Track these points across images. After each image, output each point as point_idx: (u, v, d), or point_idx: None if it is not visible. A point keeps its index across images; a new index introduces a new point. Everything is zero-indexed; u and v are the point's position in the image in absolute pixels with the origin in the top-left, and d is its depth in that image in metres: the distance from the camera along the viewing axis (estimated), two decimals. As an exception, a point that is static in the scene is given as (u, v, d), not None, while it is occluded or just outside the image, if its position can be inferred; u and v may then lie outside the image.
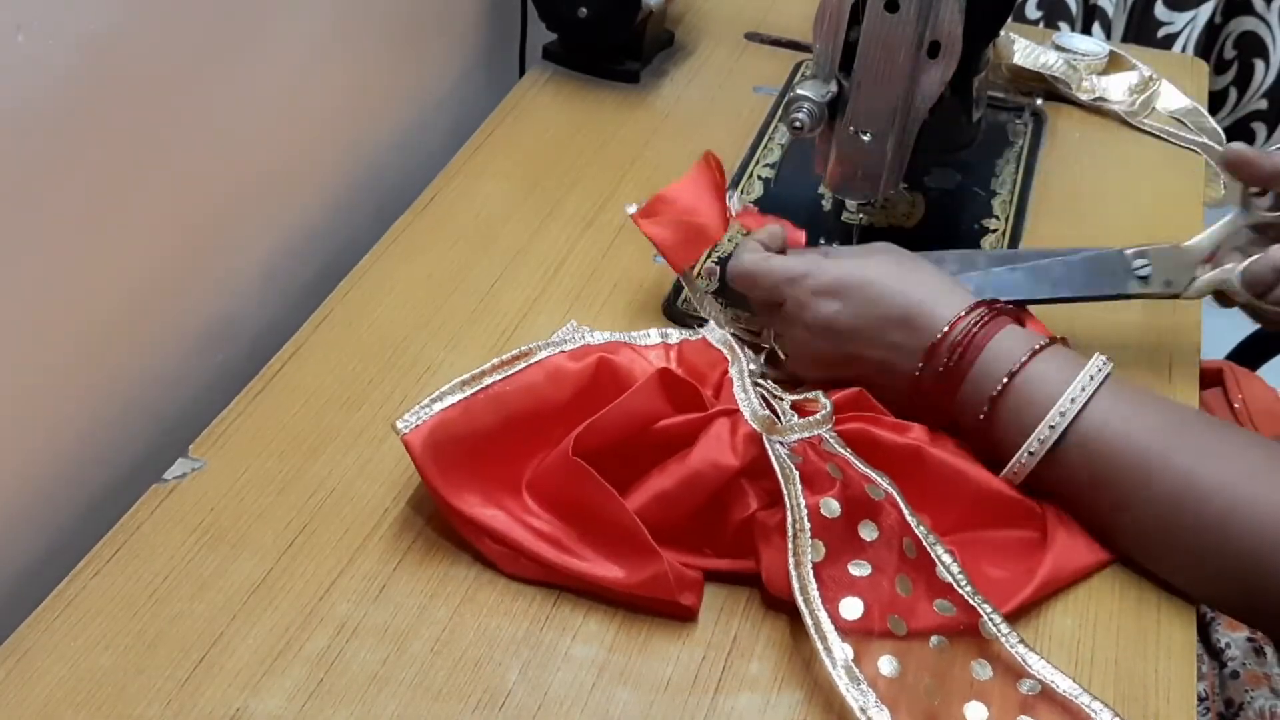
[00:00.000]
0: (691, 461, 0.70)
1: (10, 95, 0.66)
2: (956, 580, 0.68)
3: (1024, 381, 0.72)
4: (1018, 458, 0.71)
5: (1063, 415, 0.70)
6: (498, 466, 0.72)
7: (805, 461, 0.70)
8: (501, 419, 0.73)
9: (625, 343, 0.79)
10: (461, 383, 0.73)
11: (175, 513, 0.73)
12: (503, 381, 0.74)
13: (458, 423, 0.71)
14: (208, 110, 0.84)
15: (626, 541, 0.69)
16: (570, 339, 0.77)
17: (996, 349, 0.73)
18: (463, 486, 0.71)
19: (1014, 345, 0.73)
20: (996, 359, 0.72)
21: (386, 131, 1.09)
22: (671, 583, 0.68)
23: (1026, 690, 0.65)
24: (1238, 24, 2.04)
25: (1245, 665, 0.83)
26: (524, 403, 0.73)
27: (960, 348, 0.73)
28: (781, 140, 1.08)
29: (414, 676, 0.65)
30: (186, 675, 0.64)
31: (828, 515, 0.68)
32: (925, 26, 0.78)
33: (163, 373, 0.86)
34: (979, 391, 0.73)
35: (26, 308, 0.72)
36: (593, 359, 0.75)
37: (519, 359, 0.75)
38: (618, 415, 0.71)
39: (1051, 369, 0.72)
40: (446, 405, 0.72)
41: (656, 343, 0.81)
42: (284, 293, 0.98)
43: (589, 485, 0.69)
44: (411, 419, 0.71)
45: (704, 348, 0.79)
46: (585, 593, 0.70)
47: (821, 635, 0.65)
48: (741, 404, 0.72)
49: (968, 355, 0.73)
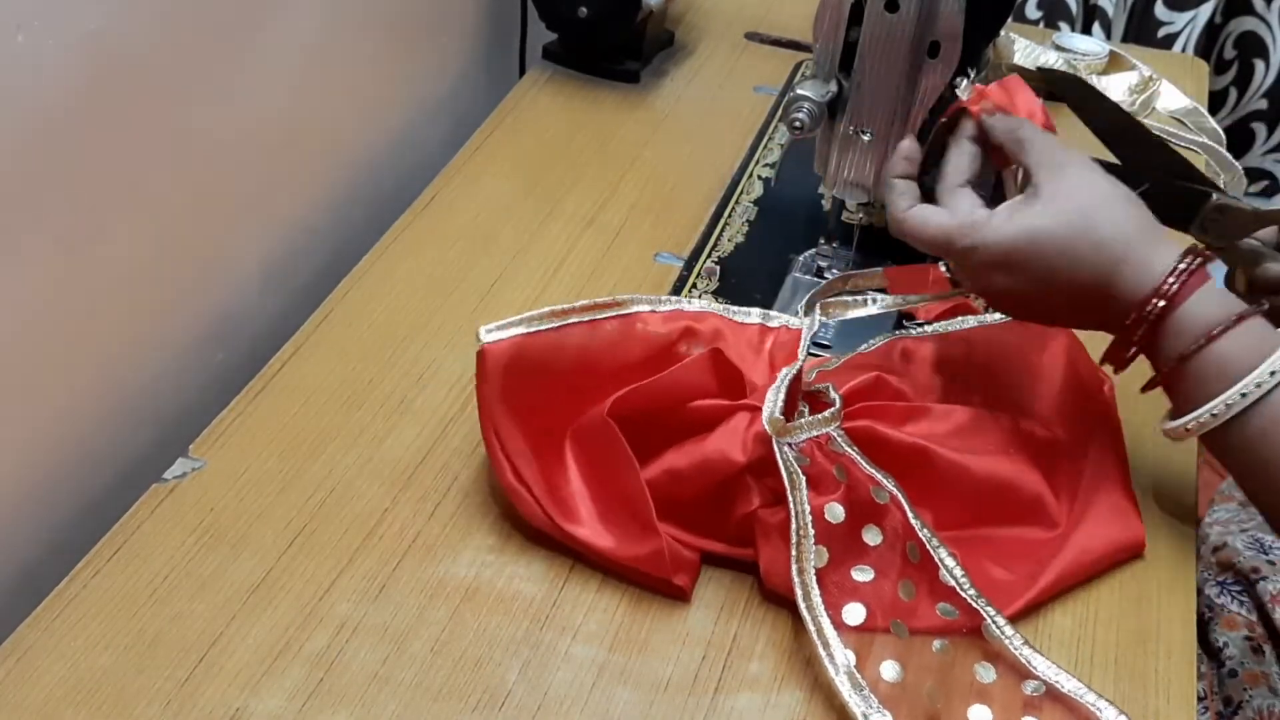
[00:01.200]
0: (704, 447, 0.71)
1: (10, 95, 0.66)
2: (960, 584, 0.68)
3: (1220, 348, 0.67)
4: (1198, 414, 0.68)
5: (1258, 386, 0.66)
6: (553, 406, 0.73)
7: (812, 463, 0.70)
8: (573, 364, 0.74)
9: (721, 315, 0.80)
10: (553, 312, 0.73)
11: (175, 513, 0.73)
12: (588, 324, 0.74)
13: (537, 352, 0.72)
14: (208, 110, 0.84)
15: (632, 514, 0.70)
16: (666, 300, 0.78)
17: (1194, 310, 0.68)
18: (511, 414, 0.71)
19: (1211, 309, 0.68)
20: (1193, 319, 0.68)
21: (386, 131, 1.09)
22: (667, 561, 0.69)
23: (1030, 691, 0.65)
24: (1238, 24, 2.04)
25: (1243, 664, 0.83)
26: (599, 353, 0.74)
27: (1158, 309, 0.68)
28: (781, 140, 1.08)
29: (414, 676, 0.65)
30: (186, 675, 0.64)
31: (832, 520, 0.68)
32: (925, 26, 0.78)
33: (163, 373, 0.86)
34: (1170, 347, 0.69)
35: (26, 307, 0.72)
36: (680, 325, 0.77)
37: (610, 305, 0.75)
38: (661, 386, 0.72)
39: (1253, 339, 0.68)
40: (536, 330, 0.72)
41: (755, 322, 0.82)
42: (284, 292, 0.98)
43: (615, 449, 0.70)
44: (498, 332, 0.71)
45: (796, 341, 0.80)
46: (585, 562, 0.71)
47: (824, 640, 0.65)
48: (766, 402, 0.72)
49: (1166, 311, 0.68)
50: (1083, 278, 0.69)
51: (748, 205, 1.00)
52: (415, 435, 0.78)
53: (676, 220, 0.99)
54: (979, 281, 0.72)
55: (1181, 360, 0.68)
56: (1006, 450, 0.75)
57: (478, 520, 0.74)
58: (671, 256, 0.95)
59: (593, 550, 0.71)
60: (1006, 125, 0.74)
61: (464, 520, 0.74)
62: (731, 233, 0.97)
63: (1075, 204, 0.70)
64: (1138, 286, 0.68)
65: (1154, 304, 0.68)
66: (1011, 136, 0.74)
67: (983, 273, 0.71)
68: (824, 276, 0.91)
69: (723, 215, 0.99)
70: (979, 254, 0.70)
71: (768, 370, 0.79)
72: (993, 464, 0.74)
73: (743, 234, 0.97)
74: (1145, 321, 0.68)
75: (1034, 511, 0.73)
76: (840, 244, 0.91)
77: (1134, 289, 0.68)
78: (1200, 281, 0.68)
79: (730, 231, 0.97)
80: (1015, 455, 0.74)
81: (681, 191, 1.02)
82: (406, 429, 0.79)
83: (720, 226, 0.98)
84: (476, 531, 0.73)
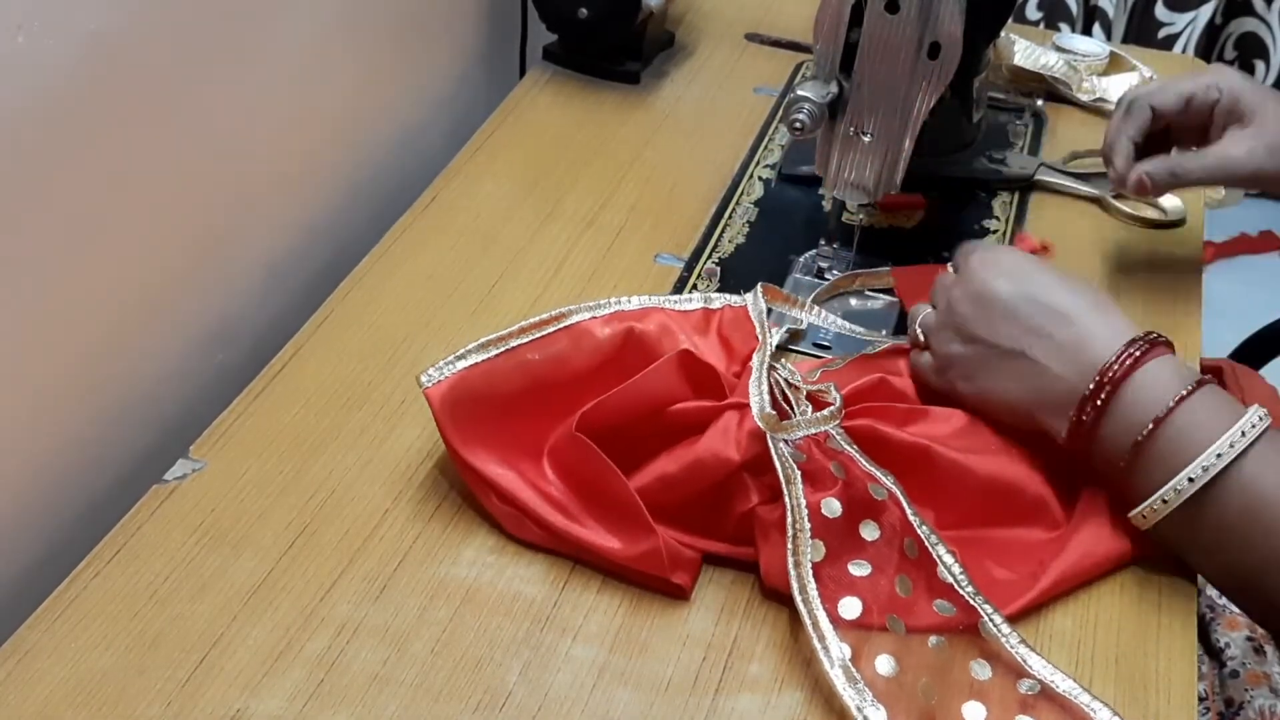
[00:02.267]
0: (696, 449, 0.71)
1: (10, 95, 0.66)
2: (958, 581, 0.68)
3: (1172, 427, 0.68)
4: (1150, 502, 0.68)
5: (1217, 459, 0.66)
6: (521, 429, 0.73)
7: (809, 459, 0.70)
8: (525, 383, 0.74)
9: (662, 308, 0.80)
10: (486, 343, 0.74)
11: (176, 513, 0.73)
12: (529, 344, 0.75)
13: (479, 382, 0.73)
14: (208, 110, 0.84)
15: (625, 516, 0.70)
16: (605, 303, 0.78)
17: (1140, 392, 0.69)
18: (478, 444, 0.72)
19: (1159, 390, 0.68)
20: (1140, 403, 0.68)
21: (387, 131, 1.09)
22: (665, 560, 0.69)
23: (1026, 690, 0.65)
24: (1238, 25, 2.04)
25: (1245, 665, 0.83)
26: (549, 368, 0.75)
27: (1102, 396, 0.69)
28: (781, 140, 1.08)
29: (414, 677, 0.65)
30: (187, 676, 0.64)
31: (828, 515, 0.68)
32: (925, 27, 0.78)
33: (163, 373, 0.86)
34: (1120, 435, 0.69)
35: (27, 308, 0.72)
36: (623, 327, 0.77)
37: (550, 322, 0.76)
38: (631, 395, 0.72)
39: (1202, 415, 0.67)
40: (469, 364, 0.73)
41: (697, 307, 0.81)
42: (285, 293, 0.98)
43: (593, 460, 0.70)
44: (435, 374, 0.72)
45: (744, 318, 0.80)
46: (585, 563, 0.71)
47: (820, 634, 0.65)
48: (752, 398, 0.72)
49: (1110, 401, 0.69)
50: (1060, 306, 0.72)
51: (748, 206, 1.00)
52: (416, 436, 0.78)
53: (677, 221, 0.99)
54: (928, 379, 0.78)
55: (1145, 440, 0.68)
56: (1009, 451, 0.75)
57: (478, 521, 0.74)
58: (672, 257, 0.95)
59: (592, 551, 0.71)
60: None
61: (464, 521, 0.74)
62: (732, 233, 0.97)
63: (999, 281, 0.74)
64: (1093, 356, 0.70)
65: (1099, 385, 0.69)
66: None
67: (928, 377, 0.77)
68: (824, 277, 0.91)
69: (723, 216, 0.99)
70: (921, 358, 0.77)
71: (722, 351, 0.80)
72: (995, 464, 0.74)
73: (743, 235, 0.97)
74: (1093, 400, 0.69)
75: (1037, 512, 0.73)
76: (840, 244, 0.91)
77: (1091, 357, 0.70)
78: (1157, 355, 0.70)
79: (731, 232, 0.97)
80: (1018, 456, 0.74)
81: (682, 192, 1.02)
82: (407, 430, 0.79)
83: (720, 227, 0.98)
84: (477, 532, 0.73)
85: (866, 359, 0.81)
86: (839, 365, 0.80)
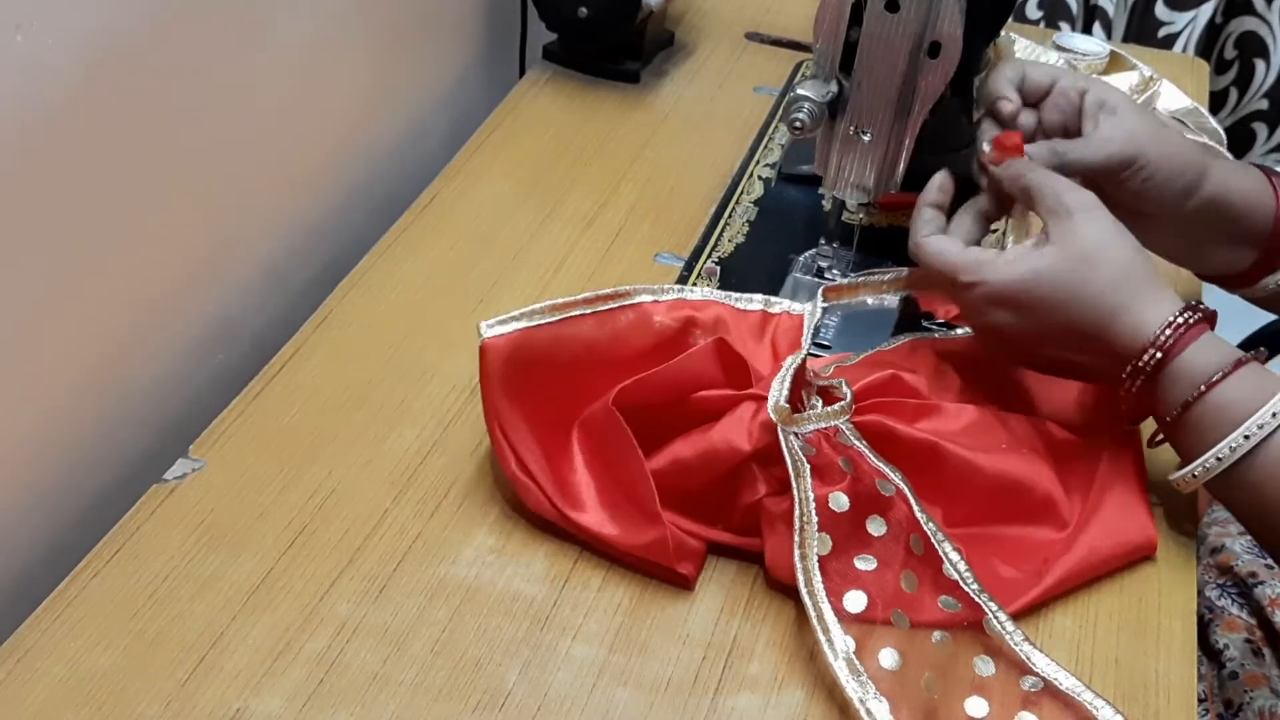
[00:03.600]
0: (710, 436, 0.71)
1: (10, 95, 0.66)
2: (963, 577, 0.68)
3: (1219, 395, 0.69)
4: (1202, 461, 0.70)
5: (1260, 428, 0.68)
6: (560, 400, 0.74)
7: (819, 453, 0.70)
8: (580, 353, 0.75)
9: (722, 302, 0.80)
10: (553, 306, 0.74)
11: (175, 513, 0.73)
12: (591, 316, 0.75)
13: (540, 345, 0.73)
14: (208, 110, 0.84)
15: (636, 503, 0.70)
16: (668, 288, 0.79)
17: (1191, 360, 0.70)
18: (517, 405, 0.72)
19: (1209, 357, 0.70)
20: (1191, 369, 0.70)
21: (387, 131, 1.09)
22: (670, 550, 0.69)
23: (1029, 687, 0.65)
24: (1238, 24, 2.04)
25: (1244, 666, 0.83)
26: (606, 343, 0.75)
27: (1154, 361, 0.70)
28: (781, 140, 1.08)
29: (414, 677, 0.65)
30: (186, 676, 0.64)
31: (836, 509, 0.69)
32: (925, 26, 0.78)
33: (163, 373, 0.86)
34: (1170, 397, 0.71)
35: (27, 308, 0.72)
36: (683, 315, 0.77)
37: (613, 298, 0.76)
38: (667, 376, 0.73)
39: (1251, 384, 0.69)
40: (537, 324, 0.73)
41: (757, 308, 0.82)
42: (284, 293, 0.98)
43: (620, 438, 0.70)
44: (498, 327, 0.72)
45: (798, 328, 0.80)
46: (586, 559, 0.71)
47: (824, 627, 0.66)
48: (772, 391, 0.72)
49: (1162, 364, 0.70)
50: (1080, 324, 0.72)
51: (748, 205, 1.00)
52: (415, 436, 0.78)
53: (676, 220, 0.99)
54: (978, 317, 0.76)
55: (1184, 409, 0.70)
56: (1018, 449, 0.75)
57: (478, 521, 0.74)
58: (671, 257, 0.95)
59: (597, 538, 0.71)
60: (1013, 173, 0.77)
61: (464, 521, 0.74)
62: (732, 233, 0.97)
63: (1079, 250, 0.72)
64: (1132, 339, 0.71)
65: (1150, 356, 0.70)
66: (1018, 185, 0.76)
67: (982, 308, 0.74)
68: (824, 277, 0.91)
69: (723, 215, 0.99)
70: (981, 289, 0.73)
71: (770, 357, 0.80)
72: (1004, 462, 0.74)
73: (743, 234, 0.97)
74: (1141, 374, 0.70)
75: (1044, 511, 0.73)
76: (840, 244, 0.91)
77: (1129, 341, 0.71)
78: (1197, 335, 0.70)
79: (730, 232, 0.97)
80: (1027, 455, 0.75)
81: (681, 192, 1.02)
82: (406, 429, 0.79)
83: (720, 227, 0.98)
84: (477, 532, 0.73)
85: (880, 354, 0.81)
86: (852, 361, 0.80)
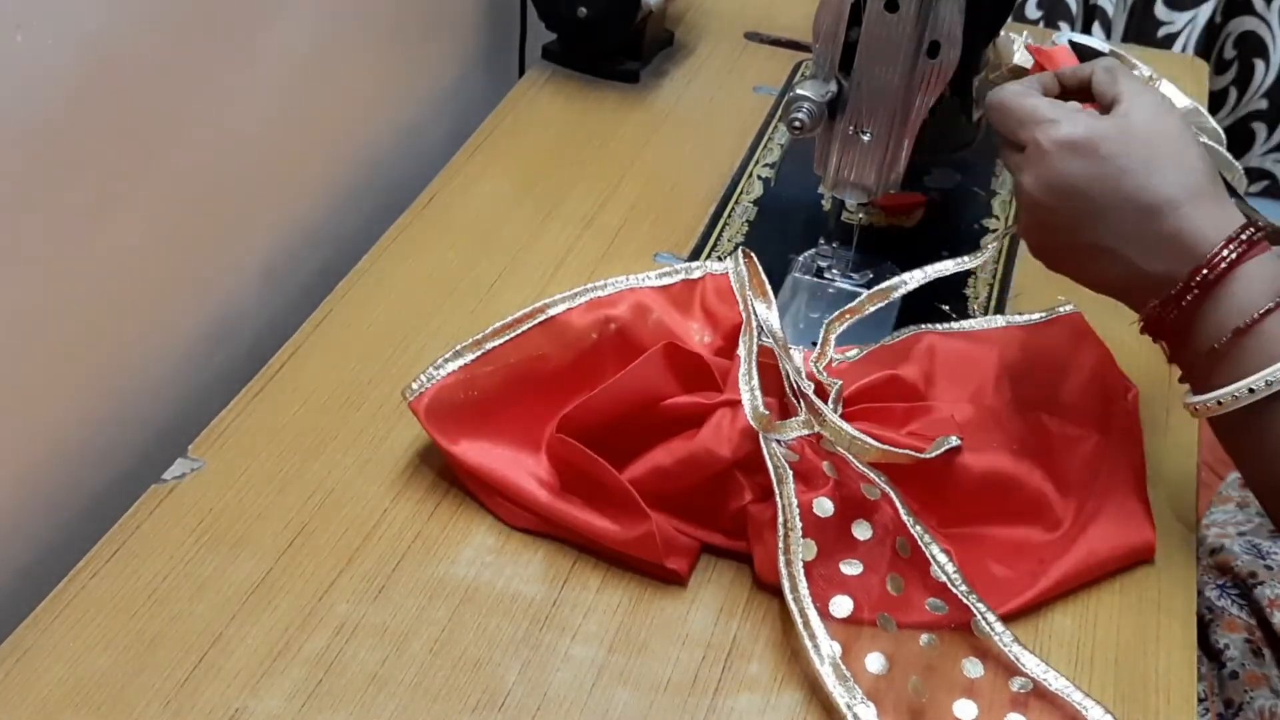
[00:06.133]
0: (690, 445, 0.71)
1: (10, 95, 0.66)
2: (951, 580, 0.68)
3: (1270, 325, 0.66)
4: (1236, 388, 0.66)
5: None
6: (512, 424, 0.74)
7: (802, 459, 0.70)
8: (507, 383, 0.75)
9: (638, 288, 0.80)
10: (461, 349, 0.75)
11: (174, 513, 0.72)
12: (505, 345, 0.76)
13: (460, 388, 0.74)
14: (207, 110, 0.84)
15: (619, 504, 0.70)
16: (581, 291, 0.79)
17: (1247, 280, 0.66)
18: (468, 445, 0.73)
19: (1263, 285, 0.66)
20: (1247, 291, 0.66)
21: (386, 131, 1.09)
22: (659, 545, 0.69)
23: (1018, 688, 0.65)
24: (1238, 24, 2.04)
25: (1244, 666, 0.83)
26: (528, 366, 0.76)
27: (1215, 271, 0.66)
28: (781, 140, 1.08)
29: (413, 677, 0.65)
30: (186, 675, 0.64)
31: (820, 514, 0.68)
32: (925, 26, 0.78)
33: (162, 373, 0.86)
34: (1220, 321, 0.67)
35: (26, 307, 0.72)
36: (600, 314, 0.78)
37: (525, 319, 0.77)
38: (618, 391, 0.73)
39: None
40: (447, 373, 0.74)
41: (677, 280, 0.82)
42: (283, 293, 0.98)
43: (578, 455, 0.71)
44: (416, 386, 0.74)
45: (727, 288, 0.80)
46: (584, 560, 0.72)
47: (810, 632, 0.66)
48: (744, 395, 0.72)
49: (1214, 284, 0.67)
50: (1146, 196, 0.67)
51: (748, 205, 1.00)
52: (414, 436, 0.78)
53: (676, 220, 0.99)
54: (1044, 166, 0.70)
55: (1236, 334, 0.66)
56: (1011, 448, 0.75)
57: (477, 520, 0.74)
58: (671, 256, 0.95)
59: (587, 534, 0.71)
60: (1091, 64, 0.74)
61: (463, 520, 0.74)
62: (731, 233, 0.97)
63: (1164, 124, 0.69)
64: (1193, 239, 0.67)
65: (1219, 260, 0.66)
66: (1101, 66, 0.74)
67: (1055, 153, 0.69)
68: (824, 277, 0.91)
69: (722, 215, 0.99)
70: (1063, 127, 0.69)
71: (705, 323, 0.80)
72: (994, 461, 0.74)
73: (743, 234, 0.97)
74: (1190, 291, 0.67)
75: (1036, 510, 0.73)
76: (840, 244, 0.91)
77: (1188, 240, 0.67)
78: (1259, 252, 0.67)
79: (730, 231, 0.97)
80: (1019, 454, 0.74)
81: (681, 191, 1.02)
82: (406, 429, 0.79)
83: (720, 227, 0.98)
84: (476, 532, 0.73)
85: (884, 349, 0.81)
86: (856, 357, 0.80)
